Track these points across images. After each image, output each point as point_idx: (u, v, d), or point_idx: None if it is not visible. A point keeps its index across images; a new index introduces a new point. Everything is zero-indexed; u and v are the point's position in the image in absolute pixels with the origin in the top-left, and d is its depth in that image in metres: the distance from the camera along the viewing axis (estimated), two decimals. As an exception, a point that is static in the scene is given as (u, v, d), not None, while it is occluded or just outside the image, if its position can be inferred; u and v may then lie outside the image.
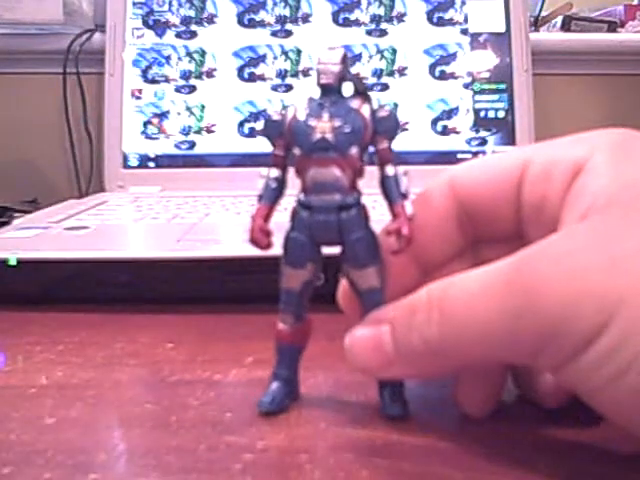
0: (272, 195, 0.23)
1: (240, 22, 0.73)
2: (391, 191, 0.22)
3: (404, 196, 0.22)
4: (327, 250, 0.23)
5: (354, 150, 0.22)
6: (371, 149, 0.23)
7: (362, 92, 0.23)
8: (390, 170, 0.22)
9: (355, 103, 0.22)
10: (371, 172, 0.23)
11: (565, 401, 0.22)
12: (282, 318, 0.24)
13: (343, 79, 0.22)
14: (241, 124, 0.71)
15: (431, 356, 0.20)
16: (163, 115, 0.72)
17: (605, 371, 0.17)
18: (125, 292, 0.37)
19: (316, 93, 0.23)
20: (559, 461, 0.20)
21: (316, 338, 0.24)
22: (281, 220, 0.23)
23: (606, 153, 0.21)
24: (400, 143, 0.22)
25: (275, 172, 0.23)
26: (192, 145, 0.71)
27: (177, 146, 0.72)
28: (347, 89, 0.23)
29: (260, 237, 0.23)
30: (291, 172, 0.23)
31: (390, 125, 0.22)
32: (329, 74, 0.22)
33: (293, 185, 0.23)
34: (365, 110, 0.22)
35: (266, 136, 0.23)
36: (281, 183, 0.23)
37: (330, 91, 0.22)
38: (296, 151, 0.22)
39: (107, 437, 0.22)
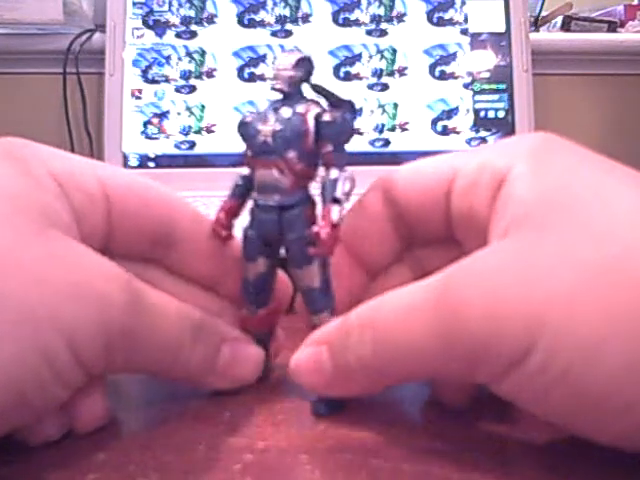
0: (237, 192, 0.25)
1: (240, 22, 0.73)
2: (323, 194, 0.23)
3: (335, 201, 0.22)
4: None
5: (292, 154, 0.23)
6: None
7: (336, 100, 0.23)
8: (333, 173, 0.23)
9: (301, 108, 0.23)
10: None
11: None
12: (245, 306, 0.26)
13: (299, 83, 0.23)
14: (241, 124, 0.71)
15: (368, 374, 0.21)
16: (163, 115, 0.72)
17: (536, 387, 0.18)
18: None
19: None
20: (554, 462, 0.20)
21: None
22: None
23: (526, 162, 0.21)
24: (400, 143, 0.22)
25: (245, 171, 0.25)
26: (192, 145, 0.71)
27: (177, 146, 0.72)
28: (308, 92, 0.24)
29: (218, 229, 0.25)
30: None
31: (334, 130, 0.23)
32: (280, 79, 0.23)
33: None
34: (310, 115, 0.23)
35: (240, 136, 0.24)
36: (248, 181, 0.24)
37: (287, 95, 0.23)
38: (248, 152, 0.24)
39: (107, 437, 0.22)
